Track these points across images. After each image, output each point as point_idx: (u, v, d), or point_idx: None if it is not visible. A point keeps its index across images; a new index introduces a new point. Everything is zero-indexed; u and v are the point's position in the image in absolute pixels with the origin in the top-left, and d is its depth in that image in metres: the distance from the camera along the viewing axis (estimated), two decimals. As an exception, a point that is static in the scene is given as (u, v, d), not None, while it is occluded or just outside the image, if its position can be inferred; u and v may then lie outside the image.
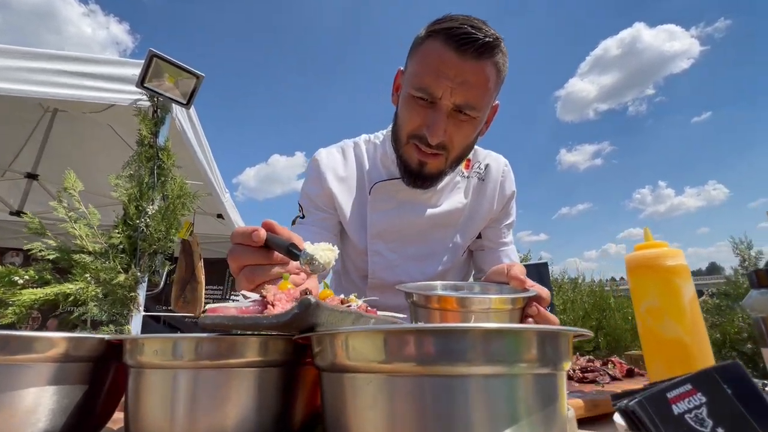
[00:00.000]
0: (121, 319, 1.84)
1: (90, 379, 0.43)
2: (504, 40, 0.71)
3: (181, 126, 2.48)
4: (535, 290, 0.57)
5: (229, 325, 0.34)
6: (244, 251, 0.49)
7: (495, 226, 0.98)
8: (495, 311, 0.53)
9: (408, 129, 0.78)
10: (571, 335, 0.29)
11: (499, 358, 0.26)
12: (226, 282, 4.86)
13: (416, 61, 0.76)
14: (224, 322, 0.34)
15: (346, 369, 0.30)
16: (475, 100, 0.72)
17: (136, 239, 1.92)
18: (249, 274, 0.50)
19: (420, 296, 0.56)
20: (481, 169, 0.97)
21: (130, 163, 2.09)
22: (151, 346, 0.36)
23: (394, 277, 0.92)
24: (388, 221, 0.90)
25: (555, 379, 0.28)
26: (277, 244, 0.48)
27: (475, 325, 0.26)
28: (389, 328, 0.28)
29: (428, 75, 0.72)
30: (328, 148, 0.98)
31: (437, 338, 0.27)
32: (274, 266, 0.50)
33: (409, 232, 0.91)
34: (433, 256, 0.93)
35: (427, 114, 0.74)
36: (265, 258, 0.50)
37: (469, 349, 0.27)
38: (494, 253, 0.97)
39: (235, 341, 0.36)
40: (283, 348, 0.38)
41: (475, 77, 0.70)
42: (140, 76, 2.09)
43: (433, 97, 0.72)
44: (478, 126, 0.78)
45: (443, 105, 0.72)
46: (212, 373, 0.36)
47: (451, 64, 0.69)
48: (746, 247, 5.17)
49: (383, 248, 0.91)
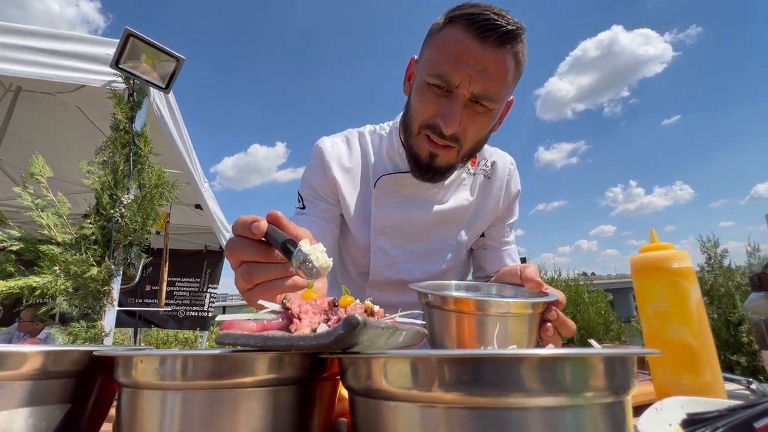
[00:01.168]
0: (94, 314, 1.74)
1: (72, 397, 0.38)
2: (526, 31, 0.67)
3: (159, 111, 2.35)
4: (555, 294, 0.55)
5: (257, 347, 0.29)
6: (241, 244, 0.44)
7: (499, 225, 0.96)
8: (514, 315, 0.51)
9: (421, 118, 0.74)
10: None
11: (563, 387, 0.23)
12: (204, 275, 4.71)
13: (434, 48, 0.72)
14: (250, 342, 0.29)
15: (387, 396, 0.27)
16: (493, 91, 0.69)
17: (110, 230, 1.81)
18: (246, 272, 0.44)
19: (436, 297, 0.53)
20: (487, 167, 0.94)
21: (104, 149, 1.97)
22: (150, 363, 0.31)
23: (396, 274, 0.88)
24: (393, 216, 0.86)
25: (623, 407, 0.25)
26: (274, 239, 0.43)
27: (536, 352, 0.23)
28: (439, 354, 0.25)
29: (447, 61, 0.68)
30: (331, 137, 0.93)
31: (495, 365, 0.23)
32: (273, 265, 0.44)
33: (414, 229, 0.88)
34: (437, 254, 0.90)
35: (442, 103, 0.71)
36: (264, 255, 0.44)
37: (528, 378, 0.23)
38: (497, 252, 0.95)
39: (245, 357, 0.32)
40: (300, 363, 0.34)
41: (495, 66, 0.67)
42: (115, 55, 1.96)
43: (450, 85, 0.69)
44: (493, 119, 0.75)
45: (460, 94, 0.69)
46: (221, 394, 0.32)
47: (472, 51, 0.66)
48: (713, 245, 5.43)
49: (386, 244, 0.88)
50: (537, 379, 0.23)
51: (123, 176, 1.89)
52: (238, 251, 0.44)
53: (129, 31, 1.97)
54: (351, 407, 0.31)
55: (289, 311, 0.30)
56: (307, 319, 0.29)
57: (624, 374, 0.24)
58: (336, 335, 0.25)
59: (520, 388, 0.23)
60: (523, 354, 0.23)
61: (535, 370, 0.23)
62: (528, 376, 0.23)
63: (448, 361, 0.24)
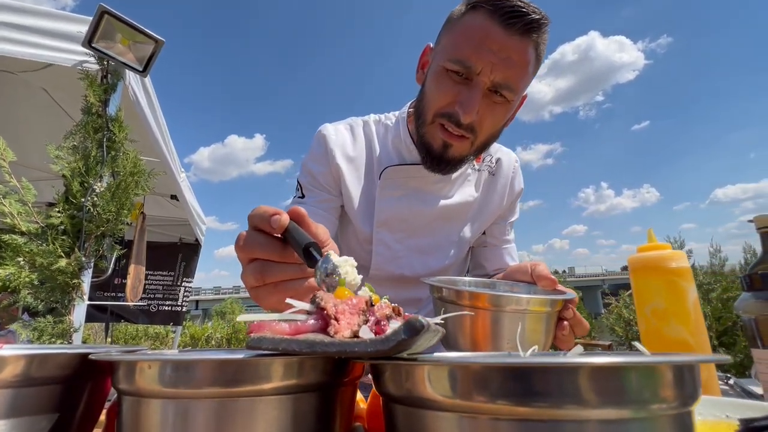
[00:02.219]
0: (62, 308, 1.63)
1: (59, 406, 0.34)
2: (550, 23, 0.66)
3: (135, 96, 2.22)
4: (572, 293, 0.54)
5: (304, 353, 0.26)
6: (255, 239, 0.40)
7: (500, 223, 0.95)
8: (533, 313, 0.49)
9: (437, 105, 0.71)
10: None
11: (628, 399, 0.22)
12: (178, 268, 4.54)
13: (455, 33, 0.69)
14: (294, 347, 0.25)
15: (432, 406, 0.24)
16: (514, 80, 0.67)
17: (80, 219, 1.70)
18: (257, 271, 0.41)
19: (450, 292, 0.51)
20: (492, 163, 0.93)
21: (74, 133, 1.84)
22: (158, 368, 0.28)
23: (397, 269, 0.86)
24: (397, 209, 0.84)
25: (690, 418, 0.24)
26: (295, 239, 0.38)
27: (604, 360, 0.21)
28: (497, 362, 0.22)
29: (469, 47, 0.66)
30: (334, 124, 0.90)
31: (569, 375, 0.21)
32: (289, 265, 0.41)
33: (417, 223, 0.86)
34: (439, 250, 0.89)
35: (460, 90, 0.68)
36: (280, 253, 0.40)
37: (590, 388, 0.22)
38: (497, 250, 0.95)
39: (264, 362, 0.29)
40: (322, 367, 0.32)
41: (518, 55, 0.65)
42: (88, 34, 1.83)
43: (471, 72, 0.67)
44: (510, 111, 0.73)
45: (480, 81, 0.67)
46: (237, 403, 0.28)
47: (496, 38, 0.64)
48: (679, 246, 5.70)
49: (389, 238, 0.85)
50: (601, 390, 0.22)
51: (95, 163, 1.78)
52: (251, 248, 0.41)
53: (103, 8, 1.84)
54: (387, 415, 0.28)
55: (324, 312, 0.27)
56: (345, 321, 0.27)
57: (692, 382, 0.23)
58: (397, 341, 0.23)
59: (580, 399, 0.22)
60: (592, 363, 0.22)
61: (603, 381, 0.22)
62: (589, 387, 0.22)
63: (507, 370, 0.22)
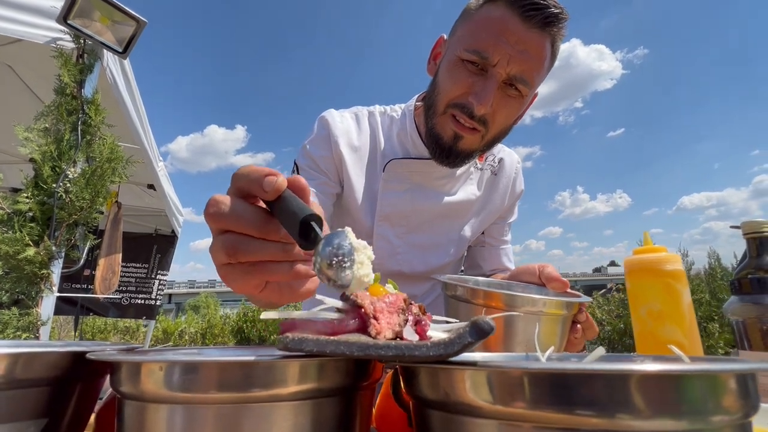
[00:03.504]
0: (29, 300, 1.54)
1: (47, 410, 0.31)
2: (569, 19, 0.65)
3: (113, 78, 2.11)
4: (586, 296, 0.54)
5: (356, 356, 0.23)
6: (234, 207, 0.31)
7: (500, 223, 0.95)
8: (549, 315, 0.49)
9: (450, 96, 0.70)
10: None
11: (688, 409, 0.21)
12: (152, 260, 4.38)
13: (472, 23, 0.68)
14: (342, 350, 0.22)
15: (472, 412, 0.23)
16: (530, 74, 0.66)
17: (51, 206, 1.60)
18: (230, 246, 0.32)
19: (465, 290, 0.50)
20: (494, 163, 0.92)
21: (45, 115, 1.73)
22: (170, 371, 0.25)
23: (396, 265, 0.85)
24: (399, 204, 0.82)
25: (750, 430, 0.23)
26: (291, 209, 0.29)
27: (660, 368, 0.20)
28: (547, 368, 0.21)
29: (486, 38, 0.65)
30: (340, 111, 0.87)
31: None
32: (270, 243, 0.32)
33: (418, 219, 0.85)
34: (439, 247, 0.87)
35: (475, 81, 0.67)
36: (260, 228, 0.31)
37: (644, 398, 0.20)
38: (495, 250, 0.94)
39: (282, 364, 0.26)
40: (344, 369, 0.30)
41: (535, 49, 0.65)
42: (63, 9, 1.72)
43: (487, 63, 0.65)
44: (522, 107, 0.72)
45: (496, 73, 0.66)
46: (252, 409, 0.26)
47: (515, 30, 0.63)
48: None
49: (389, 233, 0.84)
50: (658, 399, 0.21)
51: (69, 147, 1.68)
52: (225, 216, 0.31)
53: (81, -17, 1.74)
54: (419, 420, 0.27)
55: (361, 310, 0.25)
56: (384, 320, 0.24)
57: (755, 391, 0.22)
58: (463, 344, 0.21)
59: (634, 409, 0.21)
60: (651, 371, 0.20)
61: (661, 389, 0.20)
62: (645, 396, 0.21)
63: (558, 377, 0.21)
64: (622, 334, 5.61)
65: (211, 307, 14.20)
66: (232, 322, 8.67)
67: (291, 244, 0.32)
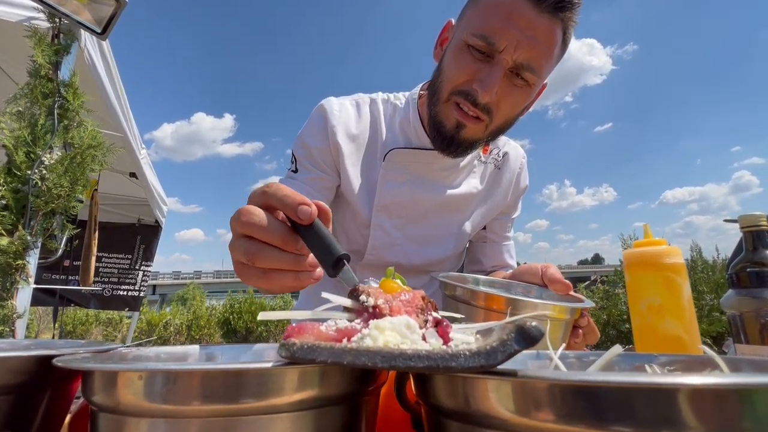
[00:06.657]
0: (3, 292, 1.47)
1: (11, 420, 0.27)
2: (582, 6, 0.62)
3: (91, 60, 2.01)
4: (589, 300, 0.52)
5: (379, 367, 0.20)
6: (264, 221, 0.36)
7: (502, 219, 0.93)
8: (552, 320, 0.47)
9: (455, 82, 0.67)
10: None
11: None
12: (136, 251, 4.27)
13: (480, 7, 0.65)
14: (368, 362, 0.19)
15: (496, 425, 0.20)
16: (537, 62, 0.63)
17: (26, 194, 1.53)
18: (250, 252, 0.37)
19: (465, 291, 0.47)
20: (499, 157, 0.89)
21: (18, 98, 1.64)
22: (150, 381, 0.22)
23: (392, 257, 0.82)
24: (398, 194, 0.79)
25: None
26: (324, 243, 0.34)
27: (713, 380, 0.18)
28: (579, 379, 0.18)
29: (494, 21, 0.62)
30: (339, 99, 0.84)
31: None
32: (286, 255, 0.37)
33: (418, 210, 0.82)
34: (437, 241, 0.85)
35: (480, 68, 0.64)
36: (282, 240, 0.36)
37: (692, 413, 0.18)
38: (497, 246, 0.92)
39: (279, 371, 0.24)
40: (349, 375, 0.27)
41: (545, 35, 0.61)
42: (37, -15, 1.62)
43: (493, 49, 0.62)
44: (529, 97, 0.69)
45: (502, 59, 0.63)
46: (246, 423, 0.23)
47: (524, 13, 0.60)
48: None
49: (387, 223, 0.81)
50: (707, 415, 0.18)
51: (44, 132, 1.60)
52: (254, 228, 0.36)
53: (56, -42, 1.63)
54: (432, 429, 0.24)
55: (376, 309, 0.22)
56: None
57: None
58: (508, 353, 0.18)
59: (681, 425, 0.18)
60: (702, 384, 0.18)
61: (713, 404, 0.18)
62: (692, 411, 0.18)
63: (597, 389, 0.18)
64: (605, 325, 5.75)
65: (198, 299, 14.03)
66: (219, 314, 8.57)
67: (303, 255, 0.38)
